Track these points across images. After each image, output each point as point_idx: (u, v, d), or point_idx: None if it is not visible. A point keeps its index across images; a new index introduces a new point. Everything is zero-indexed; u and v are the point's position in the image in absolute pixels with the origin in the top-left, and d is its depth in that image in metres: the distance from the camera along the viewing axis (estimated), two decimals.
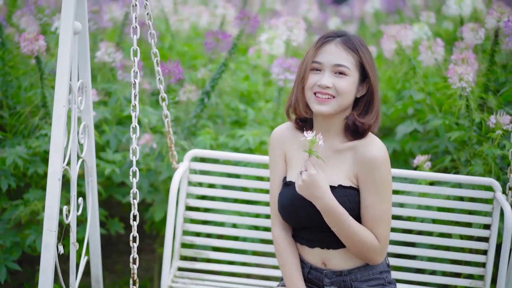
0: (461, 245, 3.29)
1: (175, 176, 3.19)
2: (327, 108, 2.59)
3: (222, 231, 3.42)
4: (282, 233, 2.75)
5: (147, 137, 3.87)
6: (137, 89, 2.66)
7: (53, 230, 2.48)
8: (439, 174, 3.28)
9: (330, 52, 2.59)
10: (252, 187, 3.41)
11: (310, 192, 2.52)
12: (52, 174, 2.49)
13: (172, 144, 3.31)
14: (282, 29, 4.45)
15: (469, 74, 3.50)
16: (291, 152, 2.75)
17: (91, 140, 3.07)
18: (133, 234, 2.64)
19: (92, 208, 3.17)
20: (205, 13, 5.85)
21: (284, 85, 4.04)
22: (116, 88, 4.21)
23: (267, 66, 4.60)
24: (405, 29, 4.85)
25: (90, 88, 2.99)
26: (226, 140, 4.07)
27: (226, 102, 4.29)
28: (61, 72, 2.53)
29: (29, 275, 4.27)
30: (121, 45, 4.50)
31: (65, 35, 2.56)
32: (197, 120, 4.07)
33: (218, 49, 4.25)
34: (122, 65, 4.11)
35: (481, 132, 3.64)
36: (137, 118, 2.68)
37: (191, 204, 3.38)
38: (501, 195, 3.14)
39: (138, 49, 2.67)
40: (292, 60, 4.02)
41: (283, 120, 4.26)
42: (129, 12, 4.48)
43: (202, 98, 4.02)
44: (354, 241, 2.57)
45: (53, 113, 2.51)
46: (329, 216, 2.54)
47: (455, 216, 3.29)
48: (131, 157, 2.63)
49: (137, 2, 2.73)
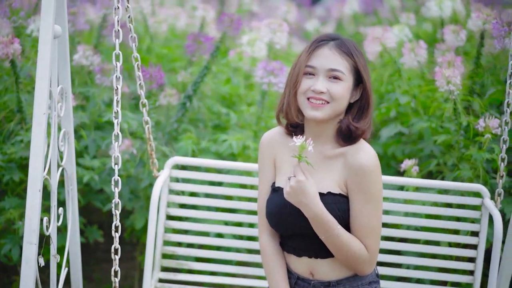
0: (448, 253, 3.24)
1: (156, 184, 3.09)
2: (321, 114, 2.52)
3: (204, 240, 3.32)
4: (270, 241, 2.67)
5: (127, 143, 3.77)
6: (119, 95, 2.55)
7: (34, 243, 2.37)
8: (426, 181, 3.22)
9: (324, 56, 2.52)
10: (236, 195, 3.33)
11: (298, 199, 2.44)
12: (32, 184, 2.38)
13: (153, 151, 3.21)
14: (265, 31, 4.36)
15: (457, 77, 3.45)
16: (281, 157, 2.67)
17: (71, 148, 2.96)
18: (114, 246, 2.54)
19: (72, 218, 3.05)
20: (182, 14, 5.75)
21: (268, 89, 3.95)
22: (94, 92, 4.09)
23: (249, 68, 4.51)
24: (386, 31, 4.82)
25: (70, 94, 2.88)
26: (208, 144, 3.98)
27: (208, 106, 4.19)
28: (41, 77, 2.43)
29: (6, 285, 4.15)
30: (99, 48, 4.38)
31: (45, 39, 2.45)
32: (179, 125, 3.97)
33: (200, 52, 4.15)
34: (100, 69, 4.00)
35: (469, 135, 3.58)
36: (119, 125, 2.56)
37: (172, 213, 3.28)
38: (490, 202, 3.09)
39: (120, 53, 2.56)
40: (276, 63, 3.94)
41: (266, 124, 4.18)
42: (107, 14, 4.37)
43: (184, 102, 3.93)
44: (343, 251, 2.48)
45: (33, 121, 2.41)
46: (317, 224, 2.46)
47: (442, 223, 3.24)
48: (113, 166, 2.52)
49: (119, 5, 2.63)
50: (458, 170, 3.53)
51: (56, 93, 2.67)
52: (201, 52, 4.16)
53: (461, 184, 3.20)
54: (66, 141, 2.87)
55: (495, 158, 3.40)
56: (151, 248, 3.05)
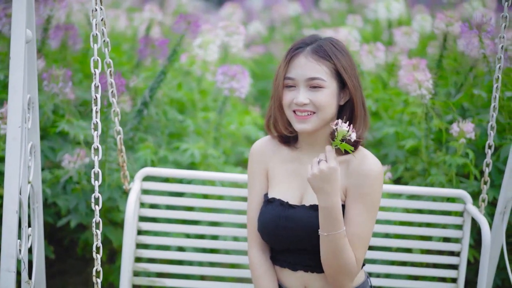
0: (424, 260, 3.15)
1: (130, 199, 2.86)
2: (309, 126, 2.40)
3: (174, 255, 3.13)
4: (260, 256, 2.51)
5: (82, 154, 3.52)
6: (98, 105, 2.35)
7: (12, 270, 2.14)
8: (404, 187, 3.13)
9: (300, 66, 2.38)
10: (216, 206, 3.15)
11: (322, 184, 2.25)
12: (9, 205, 2.16)
13: (125, 163, 3.00)
14: (221, 34, 4.20)
15: (429, 81, 3.40)
16: (274, 166, 2.53)
17: (38, 163, 2.71)
18: (96, 268, 2.34)
19: (38, 239, 2.80)
20: (122, 16, 5.51)
21: (229, 94, 3.79)
22: (42, 99, 3.81)
23: (201, 73, 4.34)
24: (337, 32, 4.76)
25: (37, 104, 2.64)
26: (166, 153, 3.79)
27: (164, 112, 3.99)
28: (14, 86, 2.21)
29: None
30: (43, 52, 4.10)
31: (17, 45, 2.24)
32: (135, 133, 3.76)
33: (156, 56, 3.94)
34: (48, 75, 3.71)
35: (441, 140, 3.54)
36: (98, 137, 2.36)
37: (143, 228, 3.07)
38: (473, 207, 3.01)
39: (99, 59, 2.36)
40: (237, 67, 3.78)
41: (227, 131, 4.03)
42: (52, 16, 4.09)
43: (140, 109, 3.72)
44: (337, 255, 2.32)
45: (8, 135, 2.18)
46: (326, 218, 2.29)
47: (416, 230, 3.15)
48: (93, 182, 2.32)
49: (98, 7, 2.43)
50: (430, 175, 3.48)
51: (26, 103, 2.43)
52: (157, 56, 3.95)
53: (443, 190, 3.13)
54: (33, 156, 2.63)
55: (468, 163, 3.36)
56: (127, 269, 2.85)
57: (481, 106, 3.82)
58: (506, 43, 2.75)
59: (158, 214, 3.11)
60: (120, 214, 3.64)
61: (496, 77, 2.82)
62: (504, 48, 2.76)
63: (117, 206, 3.63)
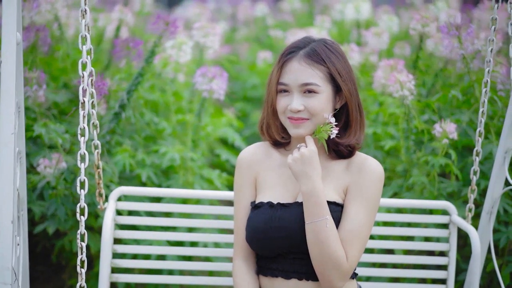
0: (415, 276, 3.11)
1: (106, 220, 2.79)
2: (304, 131, 2.38)
3: (153, 265, 3.07)
4: (244, 267, 2.46)
5: (60, 159, 3.43)
6: (86, 109, 2.28)
7: (8, 283, 2.07)
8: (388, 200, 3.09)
9: (293, 71, 2.36)
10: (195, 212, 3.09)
11: (303, 168, 2.29)
12: (3, 217, 2.08)
13: (101, 180, 2.90)
14: (197, 35, 4.15)
15: (411, 82, 3.41)
16: (265, 173, 2.49)
17: (23, 169, 2.63)
18: (80, 284, 2.31)
19: (23, 247, 2.72)
20: None
21: (208, 96, 3.74)
22: None
23: (174, 75, 4.27)
24: (308, 33, 4.75)
25: (23, 108, 2.56)
26: (143, 156, 3.73)
27: (141, 115, 3.92)
28: (6, 92, 2.14)
29: None
30: None
31: (8, 48, 2.17)
32: (111, 137, 3.69)
33: (132, 58, 3.86)
34: None
35: (423, 140, 3.56)
36: (85, 143, 2.30)
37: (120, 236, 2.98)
38: (459, 218, 2.96)
39: (88, 62, 2.29)
40: (215, 68, 3.73)
41: (205, 134, 3.98)
42: (22, 17, 3.98)
43: (118, 112, 3.65)
44: (322, 246, 2.27)
45: (0, 143, 2.10)
46: (310, 203, 2.28)
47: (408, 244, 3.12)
48: (79, 191, 2.28)
49: (87, 7, 2.35)
50: (411, 176, 3.49)
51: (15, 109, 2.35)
52: (132, 58, 3.87)
53: (426, 202, 3.13)
54: (19, 162, 2.55)
55: (449, 164, 3.38)
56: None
57: (456, 107, 3.86)
58: (495, 46, 2.75)
59: (135, 222, 3.04)
60: (98, 219, 3.55)
61: (485, 81, 2.81)
62: (492, 51, 2.77)
63: (95, 211, 3.55)
